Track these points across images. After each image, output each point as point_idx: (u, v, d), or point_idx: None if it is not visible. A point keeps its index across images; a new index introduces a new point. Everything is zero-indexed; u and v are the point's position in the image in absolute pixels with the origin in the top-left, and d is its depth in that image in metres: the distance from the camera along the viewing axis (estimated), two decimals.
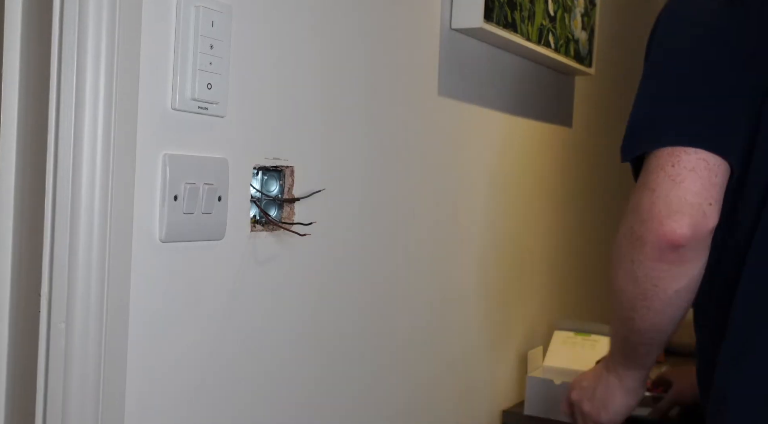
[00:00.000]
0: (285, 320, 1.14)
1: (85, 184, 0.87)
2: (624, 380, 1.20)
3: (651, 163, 0.98)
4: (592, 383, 1.26)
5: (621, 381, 1.21)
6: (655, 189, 0.97)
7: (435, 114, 1.46)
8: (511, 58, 1.71)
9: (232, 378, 1.06)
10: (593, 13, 1.97)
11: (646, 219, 0.97)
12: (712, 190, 0.96)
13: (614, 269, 1.05)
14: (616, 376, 1.21)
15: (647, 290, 1.01)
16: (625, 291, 1.04)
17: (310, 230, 1.15)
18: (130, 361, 0.92)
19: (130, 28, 0.89)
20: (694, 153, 0.96)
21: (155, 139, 0.93)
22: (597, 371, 1.27)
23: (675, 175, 0.96)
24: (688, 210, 0.95)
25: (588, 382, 1.28)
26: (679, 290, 1.00)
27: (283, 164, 1.11)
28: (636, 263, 1.00)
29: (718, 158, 0.96)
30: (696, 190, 0.95)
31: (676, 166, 0.96)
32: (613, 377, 1.22)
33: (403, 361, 1.42)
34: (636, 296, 1.03)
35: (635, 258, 1.00)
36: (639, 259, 1.00)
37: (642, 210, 0.98)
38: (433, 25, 1.44)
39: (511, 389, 1.82)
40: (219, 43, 0.97)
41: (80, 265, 0.87)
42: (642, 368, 1.18)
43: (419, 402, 1.48)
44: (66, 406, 0.87)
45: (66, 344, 0.87)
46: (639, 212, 0.98)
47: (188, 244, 0.97)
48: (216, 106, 0.98)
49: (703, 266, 1.00)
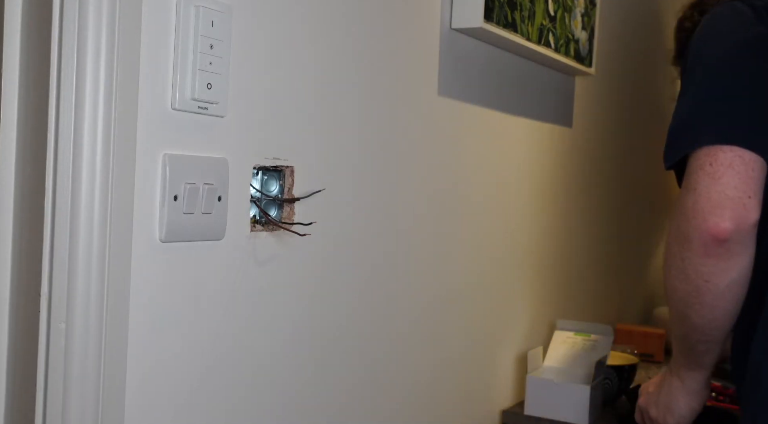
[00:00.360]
0: (285, 319, 1.14)
1: (85, 184, 0.87)
2: (686, 382, 1.23)
3: (691, 165, 1.06)
4: (657, 388, 1.30)
5: (683, 383, 1.23)
6: (696, 188, 1.03)
7: (435, 114, 1.46)
8: (511, 58, 1.71)
9: (231, 378, 1.06)
10: (593, 13, 1.97)
11: (690, 217, 1.03)
12: (750, 183, 1.02)
13: (666, 269, 1.11)
14: (679, 378, 1.24)
15: (699, 286, 1.06)
16: (678, 289, 1.09)
17: (310, 230, 1.15)
18: (130, 361, 0.92)
19: (129, 28, 0.89)
20: (730, 150, 1.02)
21: (155, 139, 0.93)
22: (661, 375, 1.31)
23: (713, 172, 1.02)
24: (729, 204, 1.01)
25: (654, 387, 1.31)
26: (729, 284, 1.05)
27: (283, 164, 1.11)
28: (686, 260, 1.06)
29: (753, 154, 1.02)
30: (735, 185, 1.01)
31: (713, 165, 1.02)
32: (675, 380, 1.25)
33: (402, 361, 1.42)
34: (689, 293, 1.08)
35: (684, 256, 1.06)
36: (688, 256, 1.05)
37: (686, 209, 1.04)
38: (433, 25, 1.44)
39: (511, 389, 1.82)
40: (219, 43, 0.97)
41: (80, 265, 0.87)
42: (703, 369, 1.21)
43: (419, 402, 1.48)
44: (66, 406, 0.87)
45: (66, 344, 0.87)
46: (684, 211, 1.05)
47: (188, 244, 0.97)
48: (216, 106, 0.98)
49: (751, 259, 1.05)
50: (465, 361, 1.63)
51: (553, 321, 1.98)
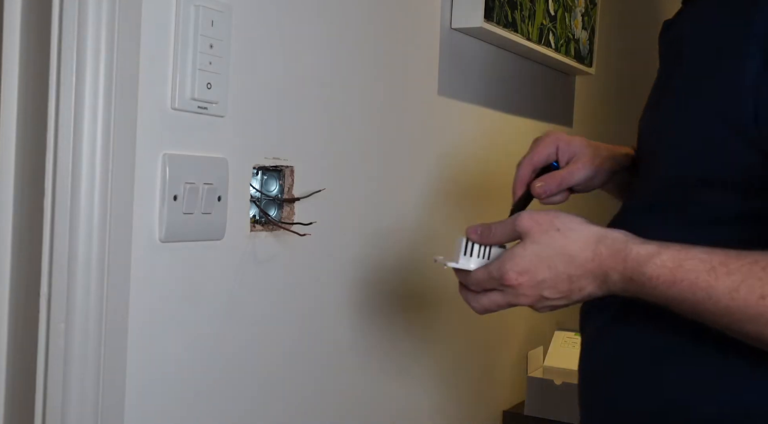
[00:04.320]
0: (284, 319, 1.14)
1: (84, 184, 0.87)
2: (610, 286, 0.83)
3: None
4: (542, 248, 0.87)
5: (606, 284, 0.84)
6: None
7: (435, 114, 1.46)
8: (512, 57, 1.71)
9: (231, 378, 1.06)
10: (593, 12, 1.97)
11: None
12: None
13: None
14: (607, 276, 0.83)
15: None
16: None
17: (310, 230, 1.14)
18: (130, 361, 0.92)
19: (129, 28, 0.89)
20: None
21: (155, 139, 0.92)
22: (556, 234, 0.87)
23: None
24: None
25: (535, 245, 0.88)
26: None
27: (283, 164, 1.11)
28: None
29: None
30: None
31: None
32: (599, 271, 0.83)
33: (402, 361, 1.42)
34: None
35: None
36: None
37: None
38: (433, 25, 1.44)
39: (511, 389, 1.82)
40: (219, 42, 0.97)
41: (80, 265, 0.87)
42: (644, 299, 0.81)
43: (419, 402, 1.48)
44: (65, 406, 0.87)
45: (66, 344, 0.87)
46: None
47: (188, 244, 0.97)
48: (216, 105, 0.98)
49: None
50: (465, 361, 1.63)
51: (554, 321, 1.98)
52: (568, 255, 0.84)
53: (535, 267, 0.85)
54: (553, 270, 0.85)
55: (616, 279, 0.81)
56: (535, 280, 0.85)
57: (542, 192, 1.01)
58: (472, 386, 1.66)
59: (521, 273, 0.85)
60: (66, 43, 0.86)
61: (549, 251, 0.85)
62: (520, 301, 0.88)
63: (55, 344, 0.87)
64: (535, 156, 1.02)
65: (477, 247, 0.90)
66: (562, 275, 0.85)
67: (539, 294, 0.86)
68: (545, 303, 0.88)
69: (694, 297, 0.76)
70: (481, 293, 0.90)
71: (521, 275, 0.85)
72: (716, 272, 0.75)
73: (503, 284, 0.86)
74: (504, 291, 0.88)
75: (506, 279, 0.86)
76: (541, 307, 0.89)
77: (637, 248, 0.80)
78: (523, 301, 0.88)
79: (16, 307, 0.93)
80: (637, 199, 0.93)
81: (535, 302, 0.88)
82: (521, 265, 0.85)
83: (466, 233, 0.91)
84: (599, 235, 0.84)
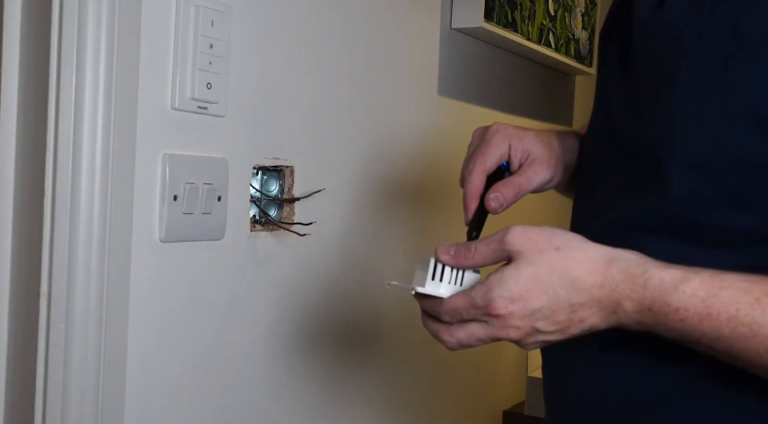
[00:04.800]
0: (285, 319, 1.14)
1: (84, 184, 0.87)
2: (620, 317, 0.70)
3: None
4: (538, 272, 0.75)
5: (615, 315, 0.71)
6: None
7: (435, 114, 1.46)
8: (511, 57, 1.71)
9: (232, 377, 1.06)
10: (594, 12, 1.97)
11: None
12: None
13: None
14: (617, 305, 0.70)
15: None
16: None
17: (310, 230, 1.14)
18: (130, 361, 0.92)
19: (129, 28, 0.89)
20: None
21: (155, 139, 0.92)
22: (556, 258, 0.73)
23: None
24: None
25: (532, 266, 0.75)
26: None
27: (283, 164, 1.11)
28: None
29: None
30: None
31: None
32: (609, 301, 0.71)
33: (403, 361, 1.42)
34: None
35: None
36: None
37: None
38: (433, 25, 1.44)
39: (511, 389, 1.82)
40: (219, 42, 0.97)
41: (80, 265, 0.87)
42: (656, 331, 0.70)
43: (420, 402, 1.48)
44: (65, 406, 0.87)
45: (66, 344, 0.87)
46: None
47: (188, 244, 0.97)
48: (216, 105, 0.98)
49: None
50: (466, 361, 1.63)
51: None
52: (571, 279, 0.69)
53: (530, 293, 0.70)
54: (551, 297, 0.70)
55: (630, 309, 0.68)
56: (529, 309, 0.70)
57: (498, 206, 0.85)
58: (472, 386, 1.66)
59: (513, 300, 0.70)
60: (66, 43, 0.86)
61: (548, 274, 0.70)
62: (508, 335, 0.72)
63: (55, 344, 0.87)
64: (488, 160, 0.86)
65: (448, 271, 0.75)
66: (562, 303, 0.70)
67: (532, 326, 0.71)
68: (536, 338, 0.73)
69: (733, 334, 0.63)
70: (455, 324, 0.74)
71: (513, 303, 0.70)
72: (761, 304, 0.62)
73: (489, 314, 0.71)
74: (488, 322, 0.73)
75: (493, 307, 0.70)
76: (530, 342, 0.74)
77: (660, 274, 0.67)
78: (512, 335, 0.72)
79: (16, 307, 0.93)
80: (626, 215, 0.78)
81: (525, 335, 0.72)
82: (513, 290, 0.70)
83: (436, 253, 0.75)
84: (609, 256, 0.70)
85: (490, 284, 0.71)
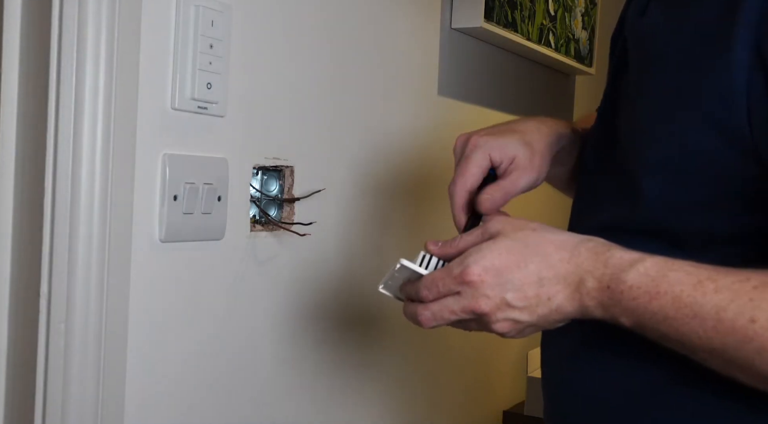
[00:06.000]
0: (285, 319, 1.14)
1: (84, 184, 0.87)
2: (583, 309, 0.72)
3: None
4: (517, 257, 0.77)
5: (580, 306, 0.73)
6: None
7: (435, 114, 1.46)
8: (512, 57, 1.71)
9: (232, 378, 1.06)
10: (594, 12, 1.97)
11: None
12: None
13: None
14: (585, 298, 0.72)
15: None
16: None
17: (310, 230, 1.14)
18: (130, 361, 0.92)
19: (129, 28, 0.89)
20: None
21: (155, 139, 0.92)
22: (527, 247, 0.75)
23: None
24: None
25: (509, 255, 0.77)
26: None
27: (283, 164, 1.11)
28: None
29: None
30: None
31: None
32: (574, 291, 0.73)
33: (403, 361, 1.42)
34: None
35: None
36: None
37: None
38: (433, 25, 1.44)
39: (511, 389, 1.82)
40: (219, 42, 0.97)
41: (80, 265, 0.87)
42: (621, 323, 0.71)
43: (420, 402, 1.48)
44: (65, 406, 0.87)
45: (66, 344, 0.87)
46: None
47: (188, 244, 0.97)
48: (216, 105, 0.98)
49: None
50: (466, 361, 1.63)
51: None
52: (542, 253, 0.72)
53: (503, 264, 0.72)
54: (522, 269, 0.72)
55: (591, 287, 0.70)
56: (501, 278, 0.72)
57: (491, 206, 0.87)
58: (473, 386, 1.66)
59: (486, 269, 0.72)
60: (66, 43, 0.86)
61: (521, 248, 0.73)
62: (479, 305, 0.73)
63: (55, 344, 0.87)
64: (468, 180, 0.88)
65: (435, 261, 0.79)
66: (532, 276, 0.72)
67: (502, 297, 0.72)
68: (506, 313, 0.73)
69: (677, 314, 0.65)
70: (432, 301, 0.76)
71: (486, 272, 0.72)
72: (703, 287, 0.65)
73: (463, 281, 0.73)
74: (461, 293, 0.74)
75: (467, 273, 0.73)
76: (501, 319, 0.74)
77: (621, 253, 0.70)
78: (483, 305, 0.73)
79: (16, 307, 0.93)
80: (607, 218, 0.80)
81: (495, 308, 0.73)
82: (488, 259, 0.73)
83: (425, 245, 0.81)
84: (580, 238, 0.74)
85: (467, 253, 0.75)
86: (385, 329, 1.36)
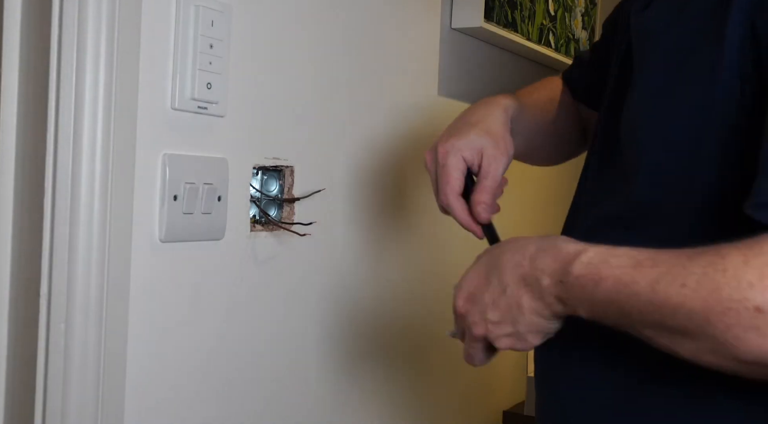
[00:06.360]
0: (285, 319, 1.14)
1: (84, 184, 0.87)
2: (542, 305, 0.73)
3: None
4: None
5: (541, 301, 0.73)
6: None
7: (435, 114, 1.46)
8: (512, 57, 1.71)
9: (232, 378, 1.05)
10: (594, 12, 1.97)
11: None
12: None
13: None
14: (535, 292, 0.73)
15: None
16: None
17: (310, 230, 1.14)
18: (130, 361, 0.92)
19: (129, 28, 0.89)
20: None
21: (155, 139, 0.92)
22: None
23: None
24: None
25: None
26: None
27: (283, 164, 1.11)
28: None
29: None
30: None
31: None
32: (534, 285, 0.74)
33: (403, 361, 1.42)
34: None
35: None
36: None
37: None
38: (433, 25, 1.44)
39: (511, 389, 1.82)
40: (219, 42, 0.97)
41: (80, 265, 0.87)
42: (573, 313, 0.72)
43: (419, 402, 1.48)
44: (65, 406, 0.87)
45: (66, 344, 0.87)
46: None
47: (188, 244, 0.97)
48: (216, 105, 0.98)
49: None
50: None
51: None
52: (500, 265, 0.74)
53: (475, 287, 0.76)
54: (489, 286, 0.74)
55: (547, 284, 0.70)
56: (477, 302, 0.76)
57: (489, 213, 0.91)
58: (472, 386, 1.66)
59: (467, 299, 0.77)
60: (66, 43, 0.86)
61: (485, 267, 0.76)
62: (475, 332, 0.76)
63: (55, 344, 0.87)
64: (455, 186, 0.91)
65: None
66: (496, 289, 0.74)
67: (485, 320, 0.75)
68: (498, 330, 0.75)
69: (619, 296, 0.65)
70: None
71: (467, 301, 0.77)
72: (642, 266, 0.64)
73: (457, 316, 0.78)
74: (464, 327, 0.79)
75: (455, 308, 0.77)
76: (501, 336, 0.75)
77: (566, 246, 0.70)
78: (476, 332, 0.76)
79: (16, 307, 0.93)
80: (600, 213, 0.81)
81: (486, 331, 0.76)
82: (464, 289, 0.77)
83: None
84: (534, 239, 0.74)
85: (453, 292, 0.78)
86: (385, 329, 1.36)
